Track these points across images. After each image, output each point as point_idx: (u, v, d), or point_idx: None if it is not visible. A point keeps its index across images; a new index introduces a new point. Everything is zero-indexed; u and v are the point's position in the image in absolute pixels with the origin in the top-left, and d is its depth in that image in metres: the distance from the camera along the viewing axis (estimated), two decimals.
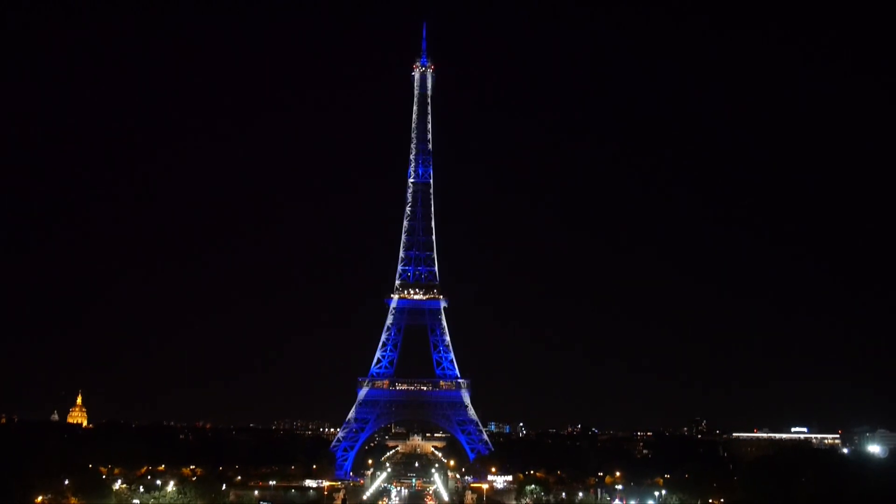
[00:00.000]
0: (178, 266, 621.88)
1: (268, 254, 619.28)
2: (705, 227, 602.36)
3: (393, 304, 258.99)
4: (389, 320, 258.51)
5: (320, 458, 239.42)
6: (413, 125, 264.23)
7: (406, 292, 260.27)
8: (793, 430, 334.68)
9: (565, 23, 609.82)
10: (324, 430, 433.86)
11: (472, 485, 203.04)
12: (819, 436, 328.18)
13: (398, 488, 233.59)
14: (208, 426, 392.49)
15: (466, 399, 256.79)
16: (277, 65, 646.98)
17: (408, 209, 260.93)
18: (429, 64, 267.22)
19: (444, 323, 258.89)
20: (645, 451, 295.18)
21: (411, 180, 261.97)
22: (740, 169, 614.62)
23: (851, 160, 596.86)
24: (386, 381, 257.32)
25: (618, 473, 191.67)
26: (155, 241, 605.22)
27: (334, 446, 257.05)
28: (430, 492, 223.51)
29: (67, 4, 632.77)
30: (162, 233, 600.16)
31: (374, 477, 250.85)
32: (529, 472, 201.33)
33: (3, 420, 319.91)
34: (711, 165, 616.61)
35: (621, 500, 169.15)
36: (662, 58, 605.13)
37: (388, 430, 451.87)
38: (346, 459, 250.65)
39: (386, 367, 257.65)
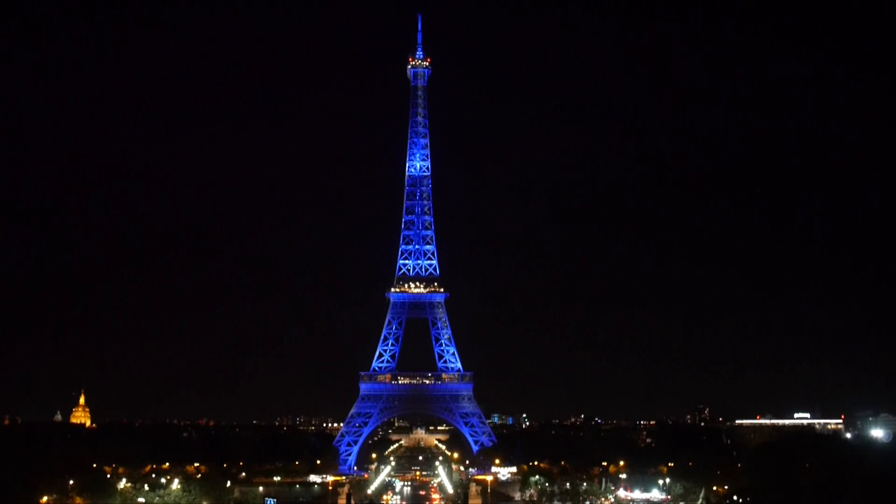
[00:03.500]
0: (179, 265, 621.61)
1: (267, 250, 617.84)
2: (705, 214, 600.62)
3: (393, 299, 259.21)
4: (390, 314, 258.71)
5: (324, 453, 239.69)
6: (410, 118, 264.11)
7: (407, 286, 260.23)
8: (796, 415, 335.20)
9: (567, 15, 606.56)
10: (327, 425, 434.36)
11: (475, 477, 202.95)
12: (822, 421, 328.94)
13: (402, 482, 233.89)
14: (212, 424, 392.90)
15: (469, 392, 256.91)
16: (272, 60, 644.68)
17: (406, 203, 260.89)
18: (424, 57, 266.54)
19: (446, 316, 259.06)
20: (648, 440, 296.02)
21: (409, 174, 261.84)
22: (745, 156, 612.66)
23: (858, 147, 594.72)
24: (388, 376, 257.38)
25: (621, 463, 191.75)
26: (155, 240, 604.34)
27: (338, 441, 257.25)
28: (435, 484, 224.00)
29: (67, 4, 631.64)
30: (162, 233, 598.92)
31: (378, 471, 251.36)
32: (533, 464, 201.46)
33: (7, 422, 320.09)
34: (716, 152, 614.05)
35: (625, 489, 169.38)
36: (666, 50, 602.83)
37: (391, 424, 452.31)
38: (349, 454, 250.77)
39: (388, 362, 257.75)
